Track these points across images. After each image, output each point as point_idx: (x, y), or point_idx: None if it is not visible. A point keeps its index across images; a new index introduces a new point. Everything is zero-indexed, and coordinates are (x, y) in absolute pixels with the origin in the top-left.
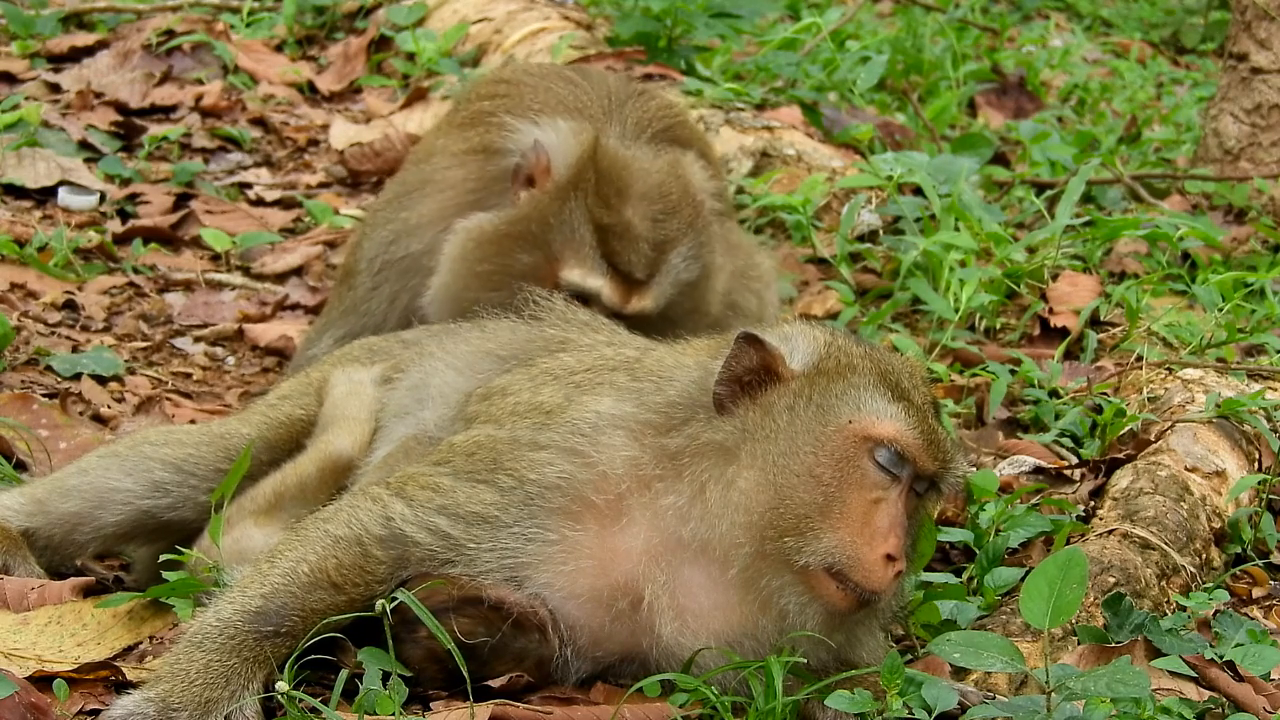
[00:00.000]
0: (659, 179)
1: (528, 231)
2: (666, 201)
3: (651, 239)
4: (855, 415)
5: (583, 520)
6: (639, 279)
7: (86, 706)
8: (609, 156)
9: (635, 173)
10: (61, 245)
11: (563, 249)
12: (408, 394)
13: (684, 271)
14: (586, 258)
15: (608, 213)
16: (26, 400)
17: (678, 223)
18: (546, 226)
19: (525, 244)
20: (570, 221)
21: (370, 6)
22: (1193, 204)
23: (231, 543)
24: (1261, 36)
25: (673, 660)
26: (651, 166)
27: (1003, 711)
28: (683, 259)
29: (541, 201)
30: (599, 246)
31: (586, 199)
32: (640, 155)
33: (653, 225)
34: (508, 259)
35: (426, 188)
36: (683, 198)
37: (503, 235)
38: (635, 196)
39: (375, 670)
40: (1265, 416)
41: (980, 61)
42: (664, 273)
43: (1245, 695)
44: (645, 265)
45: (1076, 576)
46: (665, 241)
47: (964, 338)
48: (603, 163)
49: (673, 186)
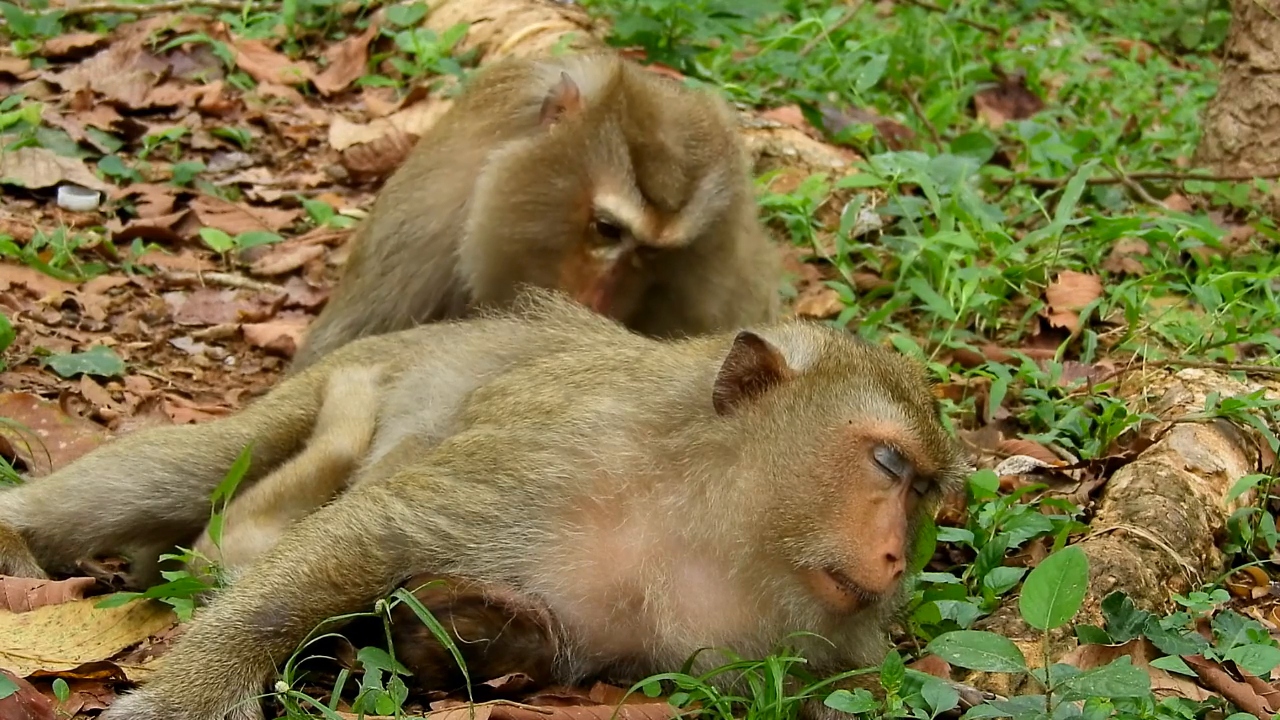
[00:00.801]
0: (688, 106)
1: (563, 155)
2: (697, 128)
3: (685, 163)
4: (855, 415)
5: (583, 520)
6: (672, 207)
7: (86, 706)
8: (637, 83)
9: (665, 99)
10: (61, 245)
11: (598, 172)
12: (408, 393)
13: (716, 199)
14: (622, 182)
15: (642, 133)
16: (26, 400)
17: (709, 149)
18: (581, 149)
19: (560, 169)
20: (606, 142)
21: (370, 6)
22: (1193, 204)
23: (231, 543)
24: (1261, 36)
25: (673, 660)
26: (680, 96)
27: (1003, 711)
28: (715, 185)
29: (575, 124)
30: (634, 169)
31: (620, 120)
32: (666, 86)
33: (685, 150)
34: (543, 186)
35: (442, 168)
36: (713, 125)
37: (537, 160)
38: (667, 121)
39: (375, 670)
40: (1265, 416)
41: (980, 61)
42: (696, 200)
43: (1245, 695)
44: (679, 191)
45: (1076, 576)
46: (698, 166)
47: (964, 338)
48: (633, 87)
49: (702, 114)
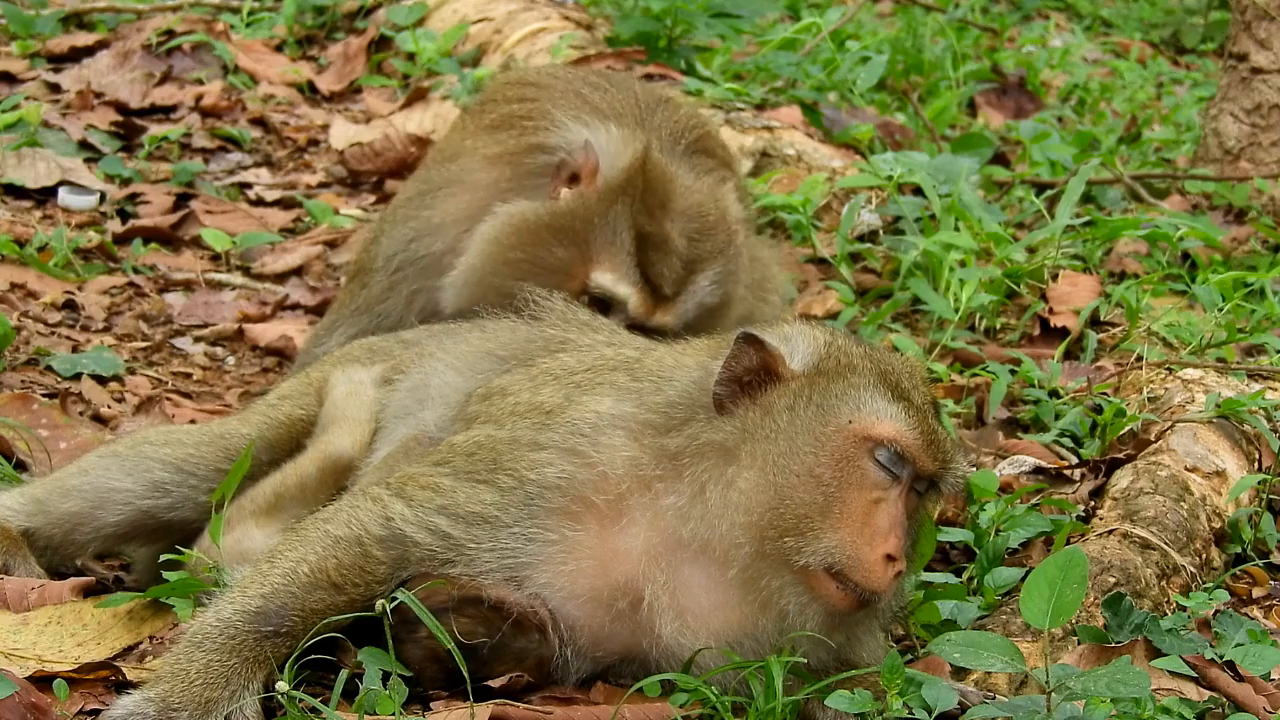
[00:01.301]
0: (699, 199)
1: (569, 227)
2: (704, 222)
3: (685, 256)
4: (855, 415)
5: (583, 520)
6: (666, 294)
7: (86, 706)
8: (658, 168)
9: (679, 189)
10: (61, 245)
11: (600, 251)
12: (408, 394)
13: (708, 295)
14: (621, 264)
15: (650, 222)
16: (26, 400)
17: (711, 245)
18: (589, 225)
19: (563, 239)
20: (613, 224)
21: (370, 6)
22: (1193, 204)
23: (232, 543)
24: (1261, 36)
25: (673, 660)
26: (694, 186)
27: (1003, 711)
28: (709, 281)
29: (588, 200)
30: (635, 254)
31: (632, 205)
32: (683, 173)
33: (688, 243)
34: (542, 250)
35: (453, 187)
36: (719, 222)
37: (543, 226)
38: (676, 212)
39: (375, 670)
40: (1265, 416)
41: (980, 61)
42: (690, 292)
43: (1245, 695)
44: (674, 281)
45: (1076, 576)
46: (696, 261)
47: (964, 338)
48: (652, 173)
49: (711, 209)
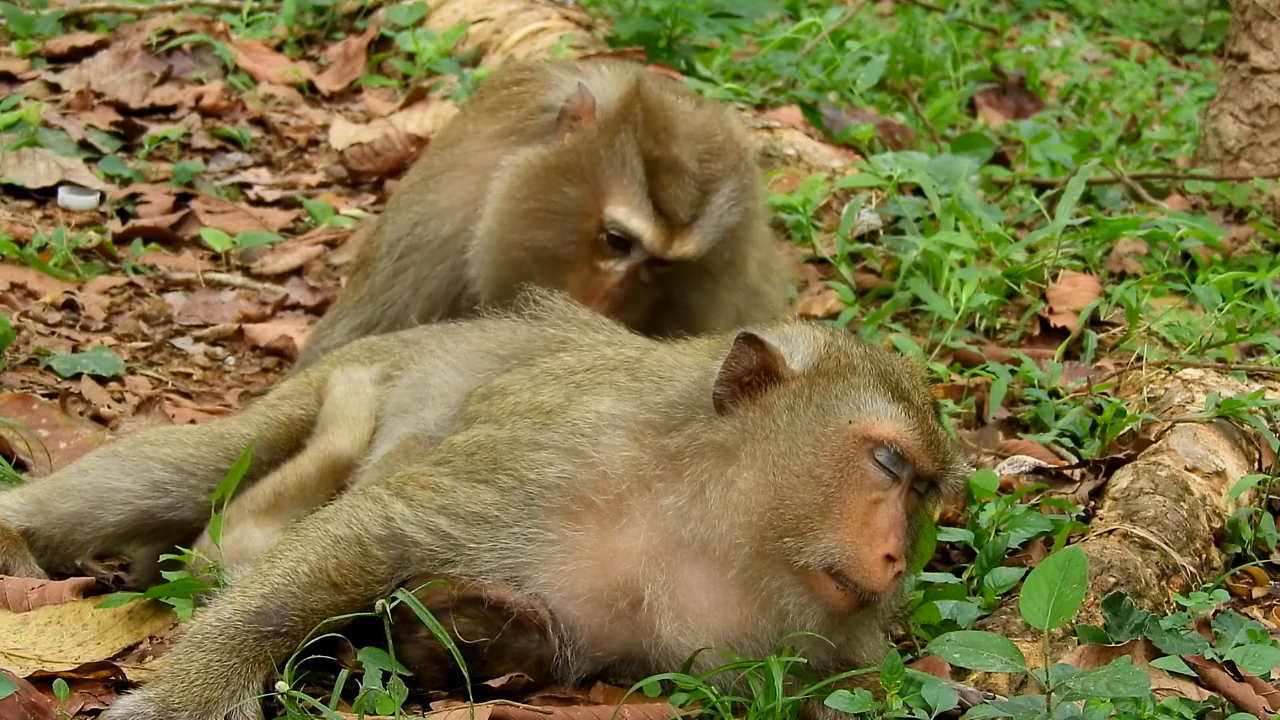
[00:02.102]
0: (703, 120)
1: (576, 164)
2: (712, 142)
3: (698, 177)
4: (855, 416)
5: (583, 520)
6: (683, 220)
7: (86, 706)
8: (654, 95)
9: (680, 114)
10: (61, 245)
11: (610, 183)
12: (408, 393)
13: (727, 215)
14: (634, 194)
15: (657, 146)
16: (26, 400)
17: (723, 164)
18: (595, 159)
19: (572, 178)
20: (620, 153)
21: (370, 6)
22: (1193, 204)
23: (231, 543)
24: (1261, 36)
25: (673, 660)
26: (695, 110)
27: (1003, 711)
28: (727, 200)
29: (590, 134)
30: (647, 182)
31: (635, 132)
32: (683, 100)
33: (699, 164)
34: (554, 194)
35: (456, 170)
36: (727, 140)
37: (550, 168)
38: (682, 135)
39: (375, 670)
40: (1265, 416)
41: (980, 61)
42: (708, 215)
43: (1245, 695)
44: (690, 204)
45: (1076, 576)
46: (711, 180)
47: (964, 338)
48: (650, 100)
49: (717, 129)
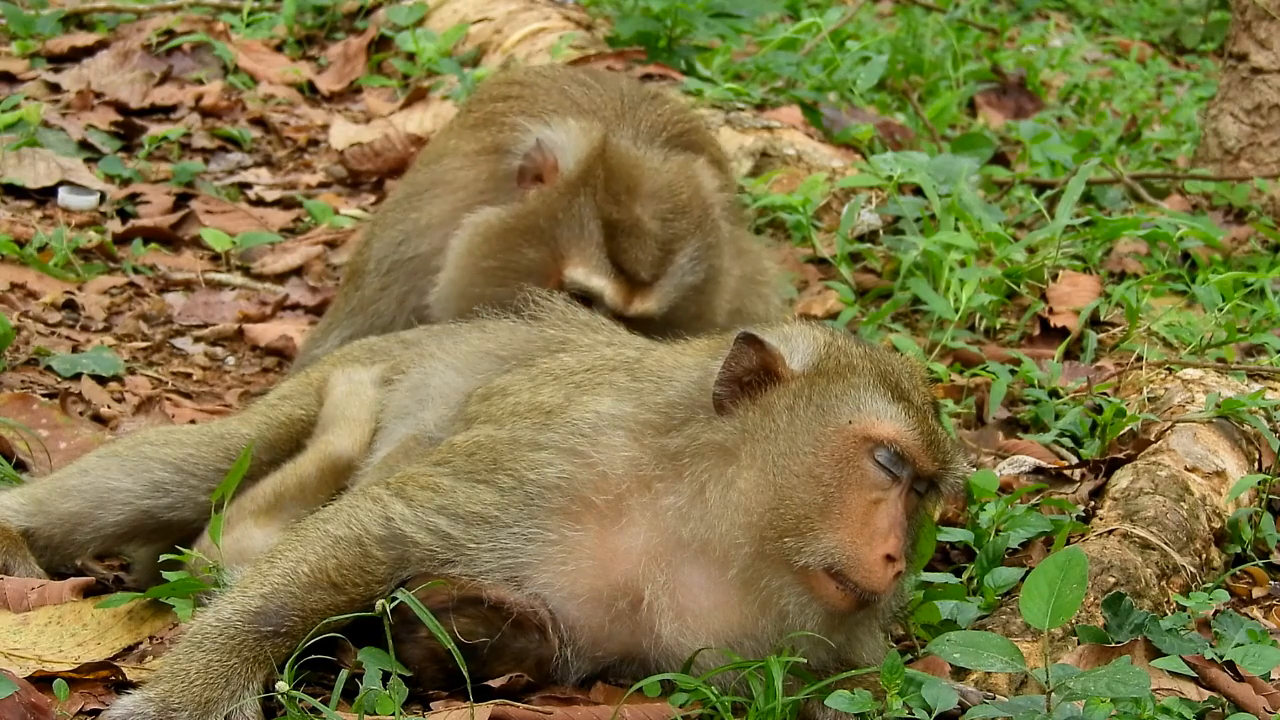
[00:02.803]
0: (669, 179)
1: (535, 226)
2: (676, 201)
3: (660, 237)
4: (855, 415)
5: (583, 520)
6: (644, 280)
7: (86, 706)
8: (618, 154)
9: (645, 171)
10: (61, 245)
11: (569, 245)
12: (408, 394)
13: (690, 274)
14: (591, 256)
15: (617, 209)
16: (26, 400)
17: (686, 223)
18: (554, 221)
19: (532, 239)
20: (578, 217)
21: (370, 6)
22: (1193, 204)
23: (231, 543)
24: (1261, 36)
25: (673, 660)
26: (662, 167)
27: (1003, 711)
28: (689, 260)
29: (550, 196)
30: (605, 244)
31: (595, 195)
32: (650, 155)
33: (661, 224)
34: (514, 254)
35: (437, 188)
36: (692, 198)
37: (509, 230)
38: (645, 195)
39: (375, 670)
40: (1265, 416)
41: (980, 61)
42: (669, 274)
43: (1245, 695)
44: (651, 265)
45: (1076, 576)
46: (672, 240)
47: (964, 338)
48: (612, 160)
49: (683, 187)
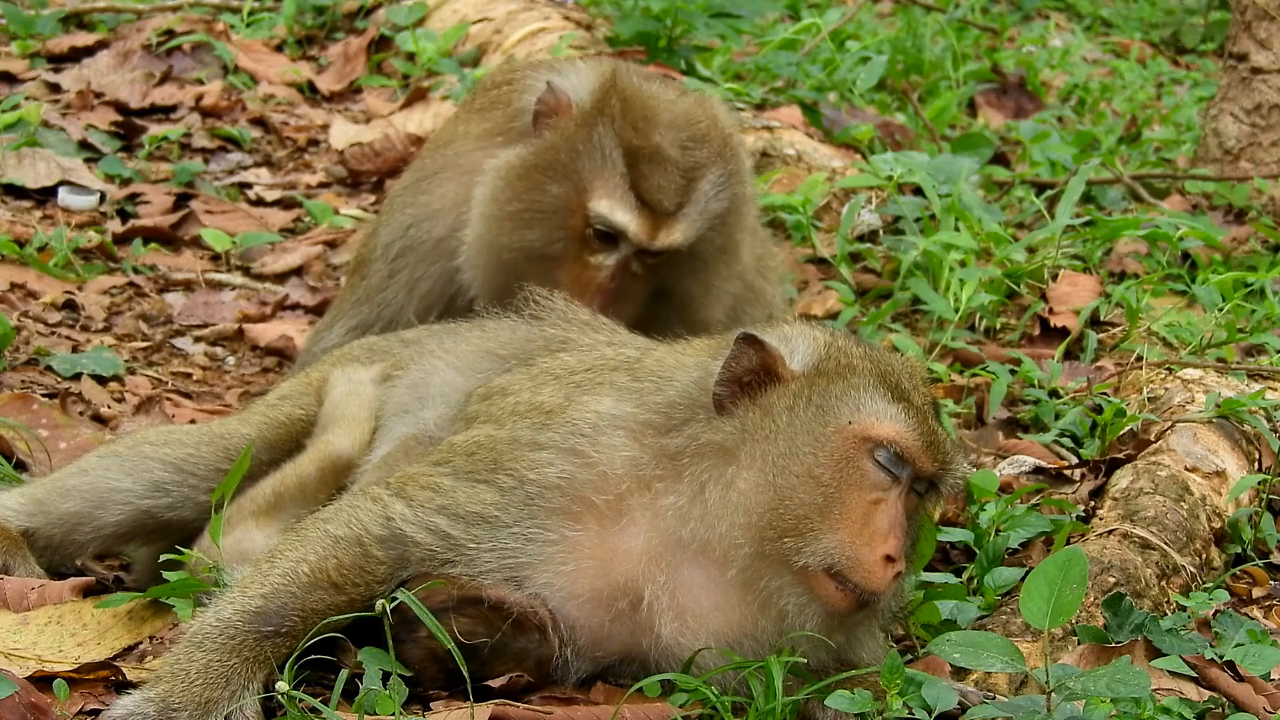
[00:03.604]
0: (685, 108)
1: (556, 161)
2: (695, 129)
3: (681, 165)
4: (855, 416)
5: (583, 520)
6: (668, 209)
7: (86, 706)
8: (631, 85)
9: (661, 102)
10: (61, 245)
11: (592, 177)
12: (408, 393)
13: (714, 200)
14: (615, 186)
15: (636, 135)
16: (26, 400)
17: (707, 150)
18: (575, 154)
19: (554, 175)
20: (600, 146)
21: (370, 6)
22: (1193, 204)
23: (232, 543)
24: (1261, 36)
25: (673, 660)
26: (677, 99)
27: (1003, 711)
28: (713, 186)
29: (568, 129)
30: (628, 173)
31: (614, 123)
32: (664, 89)
33: (682, 152)
34: (537, 193)
35: (446, 171)
36: (711, 127)
37: (530, 167)
38: (663, 124)
39: (375, 670)
40: (1265, 416)
41: (980, 61)
42: (693, 202)
43: (1245, 695)
44: (675, 193)
45: (1076, 576)
46: (695, 167)
47: (964, 338)
48: (626, 90)
49: (700, 116)
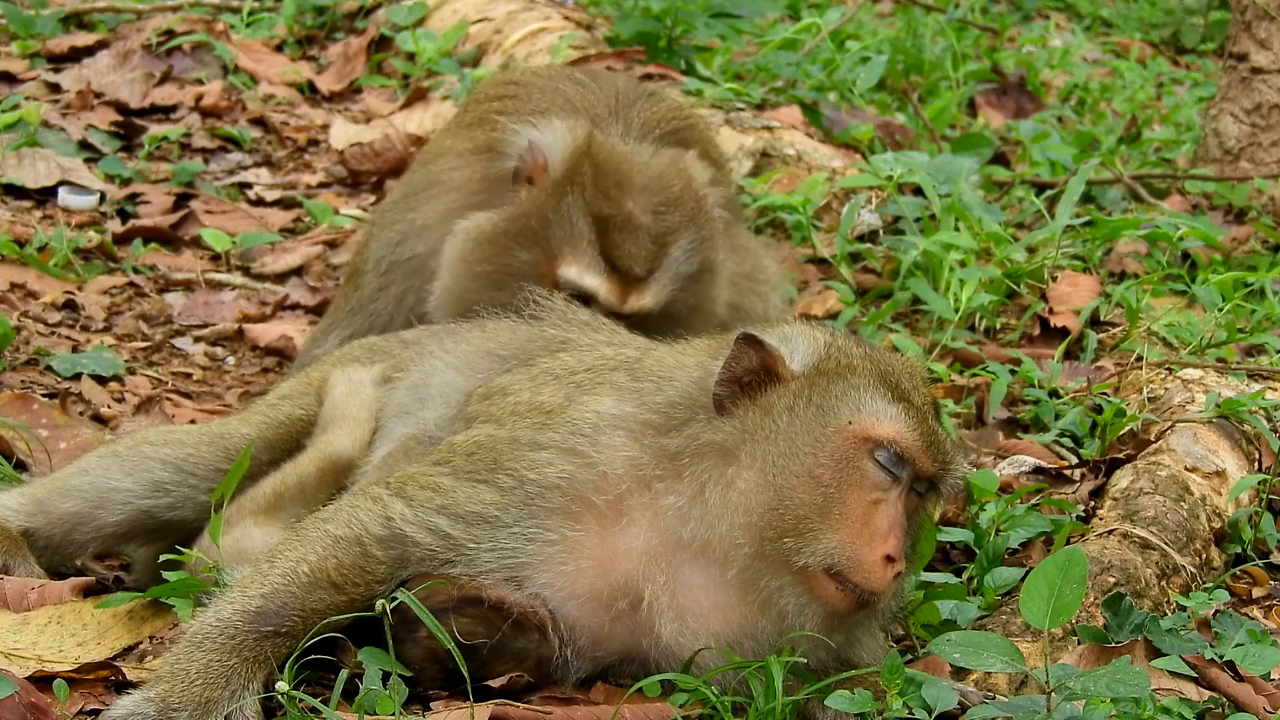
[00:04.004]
0: (659, 171)
1: (526, 228)
2: (667, 194)
3: (652, 231)
4: (855, 416)
5: (583, 520)
6: (638, 275)
7: (86, 706)
8: (605, 150)
9: (634, 166)
10: (61, 245)
11: (561, 245)
12: (408, 393)
13: (684, 264)
14: (584, 254)
15: (607, 204)
16: (26, 400)
17: (679, 215)
18: (545, 222)
19: (524, 241)
20: (568, 215)
21: (370, 6)
22: (1193, 204)
23: (231, 543)
24: (1261, 36)
25: (673, 660)
26: (651, 160)
27: (1003, 711)
28: (684, 252)
29: (539, 197)
30: (597, 241)
31: (584, 192)
32: (639, 150)
33: (653, 218)
34: (507, 258)
35: (433, 189)
36: (684, 190)
37: (501, 233)
38: (635, 189)
39: (375, 670)
40: (1265, 416)
41: (980, 61)
42: (664, 268)
43: (1245, 695)
44: (645, 259)
45: (1076, 576)
46: (666, 234)
47: (964, 338)
48: (599, 156)
49: (674, 179)
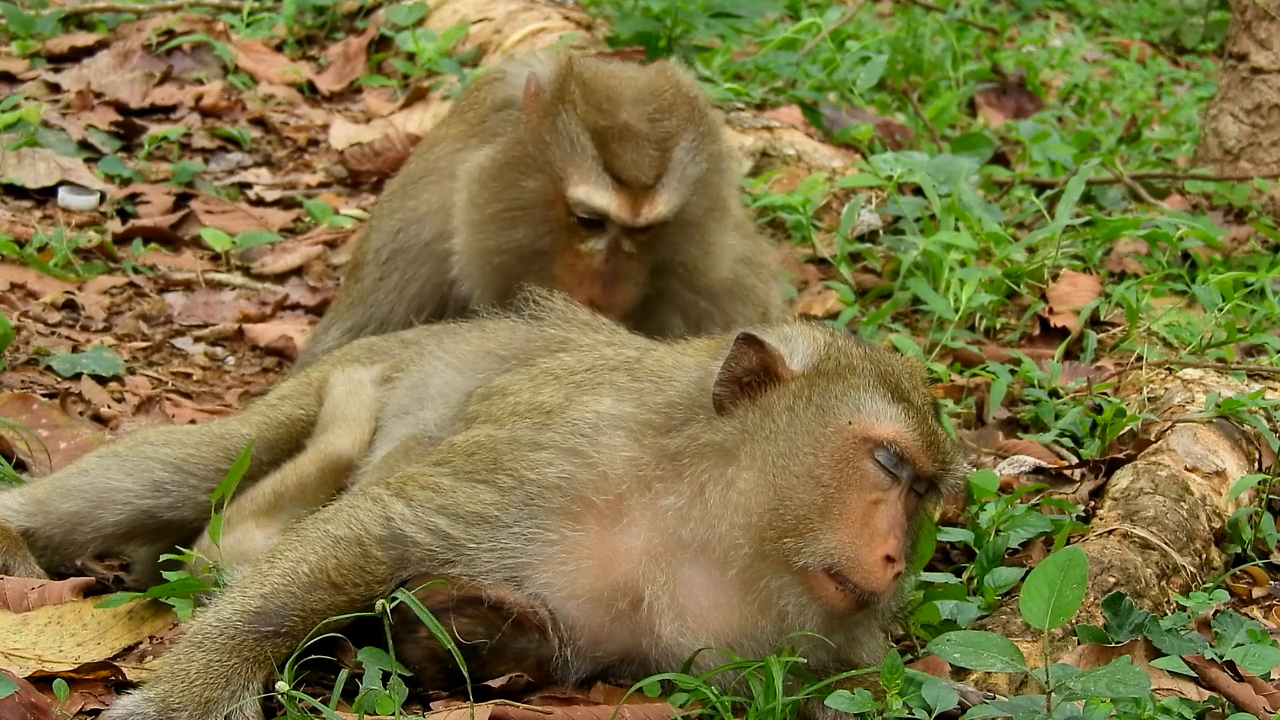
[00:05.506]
0: (648, 81)
1: (526, 155)
2: (660, 100)
3: (652, 138)
4: (855, 416)
5: (583, 520)
6: (646, 184)
7: (86, 706)
8: (589, 68)
9: (623, 79)
10: (61, 245)
11: (564, 166)
12: (408, 393)
13: (691, 165)
14: (589, 171)
15: (601, 117)
16: (26, 400)
17: (676, 119)
18: (543, 145)
19: (527, 169)
20: (566, 134)
21: (370, 6)
22: (1193, 204)
23: (232, 543)
24: (1261, 36)
25: (673, 660)
26: (638, 73)
27: (1003, 711)
28: (687, 154)
29: (533, 121)
30: (600, 154)
31: (577, 108)
32: (623, 67)
33: (650, 125)
34: (515, 191)
35: (430, 175)
36: (676, 95)
37: (502, 165)
38: (627, 100)
39: (375, 670)
40: (1265, 416)
41: (980, 61)
42: (671, 172)
43: (1245, 695)
44: (651, 166)
45: (1076, 576)
46: (666, 138)
47: (964, 338)
48: (584, 73)
49: (664, 85)
